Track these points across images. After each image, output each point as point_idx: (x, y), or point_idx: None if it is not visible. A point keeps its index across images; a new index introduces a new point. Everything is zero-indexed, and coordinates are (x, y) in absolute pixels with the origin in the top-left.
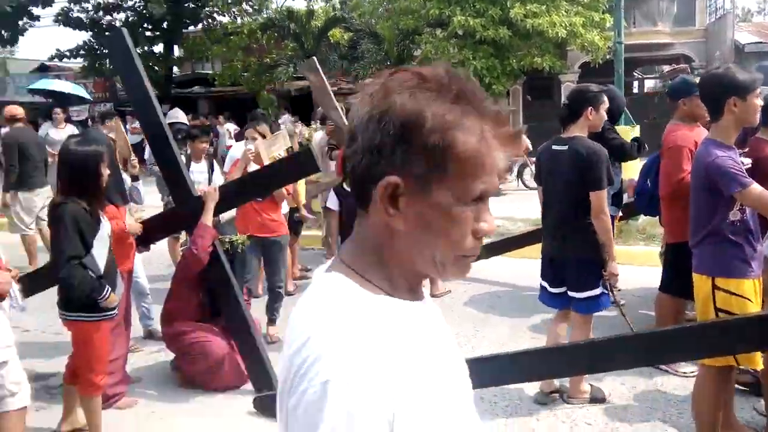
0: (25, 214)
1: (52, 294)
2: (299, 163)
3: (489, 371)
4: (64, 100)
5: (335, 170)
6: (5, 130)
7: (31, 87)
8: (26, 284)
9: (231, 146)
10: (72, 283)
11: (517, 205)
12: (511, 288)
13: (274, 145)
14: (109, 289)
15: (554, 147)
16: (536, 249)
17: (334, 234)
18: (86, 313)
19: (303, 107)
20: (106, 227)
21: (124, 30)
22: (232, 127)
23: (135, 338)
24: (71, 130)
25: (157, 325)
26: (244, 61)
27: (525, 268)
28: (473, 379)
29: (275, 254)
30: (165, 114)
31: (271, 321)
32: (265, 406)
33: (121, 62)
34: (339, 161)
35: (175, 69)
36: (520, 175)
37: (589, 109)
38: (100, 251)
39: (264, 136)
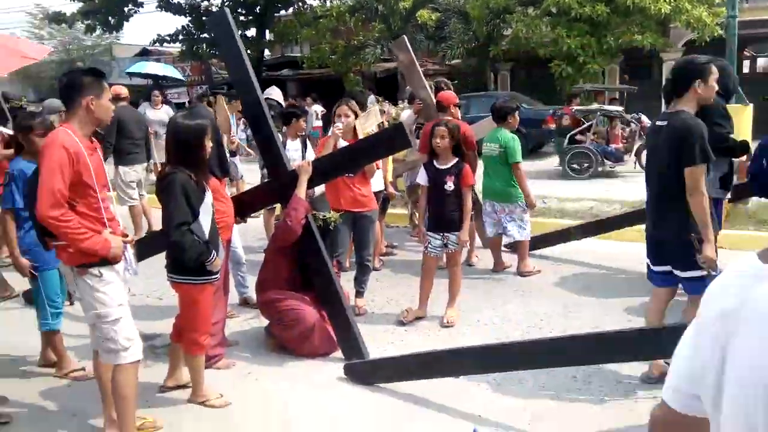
0: (126, 187)
1: (155, 261)
2: (391, 138)
3: (579, 350)
4: (160, 81)
5: (418, 149)
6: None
7: (127, 71)
8: (137, 250)
9: (318, 127)
10: (183, 246)
11: (618, 187)
12: (605, 270)
13: (367, 121)
14: (215, 253)
15: (657, 122)
16: (632, 231)
17: (422, 210)
18: (193, 276)
19: (388, 89)
20: (209, 197)
21: (227, 10)
22: (319, 108)
23: (231, 305)
24: (167, 110)
25: (251, 293)
26: (331, 43)
27: (620, 250)
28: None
29: (365, 228)
30: None
31: (359, 293)
32: (354, 373)
33: (223, 41)
34: (423, 139)
35: (266, 52)
36: (638, 155)
37: (697, 81)
38: (205, 218)
39: (356, 114)
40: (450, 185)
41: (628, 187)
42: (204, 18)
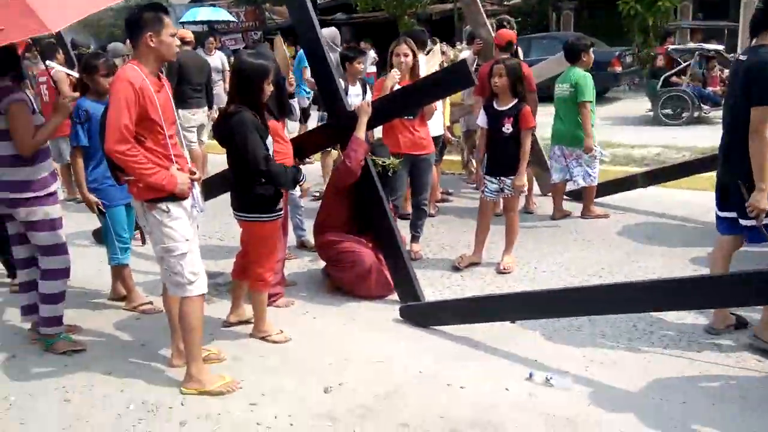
0: (185, 131)
1: (215, 203)
2: (453, 76)
3: (642, 296)
4: (215, 27)
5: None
6: None
7: (181, 20)
8: (202, 190)
9: (372, 73)
10: (279, 174)
11: (692, 133)
12: (669, 219)
13: (430, 60)
14: (305, 173)
15: (739, 58)
16: (699, 179)
17: (482, 152)
18: (263, 214)
19: (444, 31)
20: (270, 137)
21: None
22: (372, 53)
23: (289, 247)
24: (221, 56)
25: (309, 236)
26: None
27: (686, 199)
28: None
29: (423, 171)
30: None
31: (415, 238)
32: (410, 315)
33: None
34: (480, 80)
35: None
36: None
37: None
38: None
39: (414, 53)
40: (508, 127)
41: (694, 134)
42: None
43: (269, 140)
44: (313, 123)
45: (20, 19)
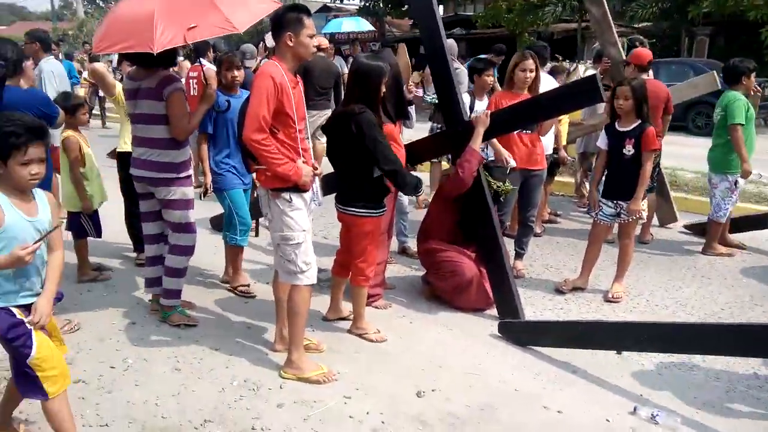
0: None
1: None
2: (582, 90)
3: (762, 340)
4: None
5: (604, 111)
6: None
7: (324, 31)
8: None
9: None
10: (405, 175)
11: None
12: None
13: (570, 77)
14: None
15: None
16: None
17: (599, 173)
18: (371, 209)
19: (566, 51)
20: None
21: None
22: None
23: (391, 252)
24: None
25: (411, 243)
26: (508, 1)
27: None
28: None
29: (534, 187)
30: None
31: (519, 255)
32: (509, 332)
33: None
34: (608, 100)
35: (440, 10)
36: None
37: None
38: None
39: (537, 68)
40: (629, 149)
41: None
42: None
43: None
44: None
45: (210, 18)
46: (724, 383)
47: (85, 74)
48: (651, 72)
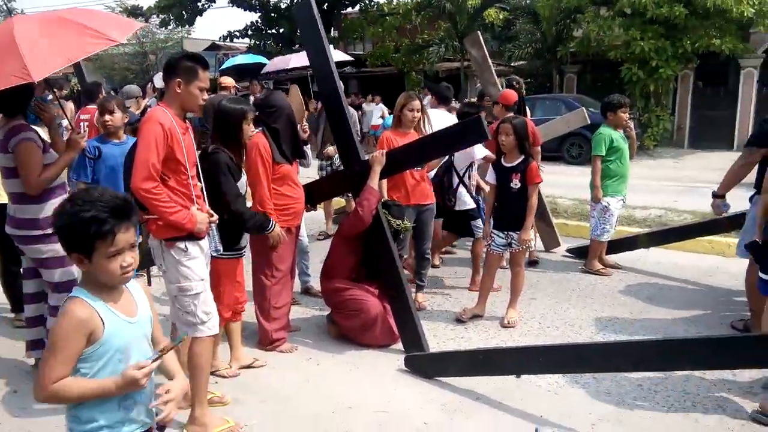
0: None
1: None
2: (469, 130)
3: (646, 356)
4: (247, 73)
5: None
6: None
7: (222, 68)
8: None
9: (377, 126)
10: (246, 215)
11: (685, 198)
12: (671, 281)
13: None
14: (274, 222)
15: None
16: (699, 242)
17: (490, 207)
18: (226, 252)
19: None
20: (244, 177)
21: (312, 0)
22: (381, 106)
23: (294, 292)
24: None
25: (314, 282)
26: (396, 41)
27: (687, 262)
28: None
29: (428, 220)
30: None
31: (419, 287)
32: (415, 365)
33: (305, 29)
34: (491, 137)
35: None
36: None
37: None
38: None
39: (423, 109)
40: (516, 183)
41: (688, 198)
42: (272, 15)
43: (242, 180)
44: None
45: (5, 67)
46: (614, 397)
47: None
48: (527, 110)
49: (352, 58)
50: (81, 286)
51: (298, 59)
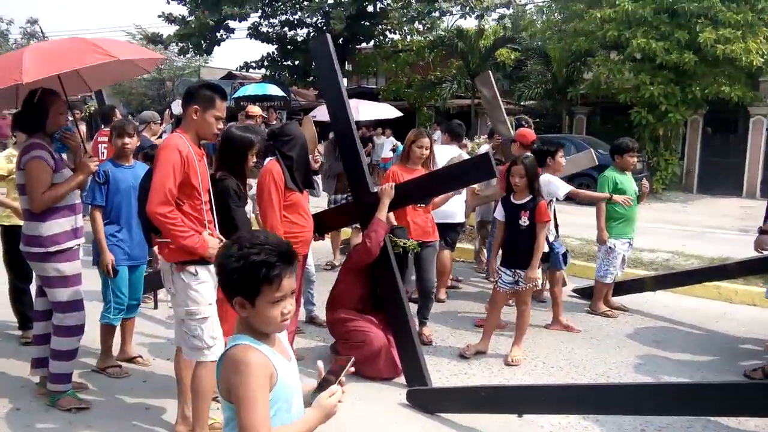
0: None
1: None
2: (476, 166)
3: (657, 401)
4: (265, 100)
5: (497, 184)
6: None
7: (237, 96)
8: None
9: (387, 158)
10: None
11: (692, 242)
12: (678, 325)
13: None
14: None
15: None
16: (707, 287)
17: (498, 243)
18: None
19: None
20: (250, 204)
21: (328, 36)
22: (391, 139)
23: (299, 321)
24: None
25: (318, 312)
26: (408, 77)
27: (695, 306)
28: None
29: (430, 257)
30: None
31: (423, 323)
32: (417, 399)
33: (321, 63)
34: (502, 175)
35: (344, 82)
36: None
37: None
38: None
39: (431, 145)
40: (525, 220)
41: (695, 243)
42: (288, 47)
43: (248, 207)
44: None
45: (6, 72)
46: None
47: None
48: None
49: (400, 113)
50: (241, 333)
51: (365, 112)
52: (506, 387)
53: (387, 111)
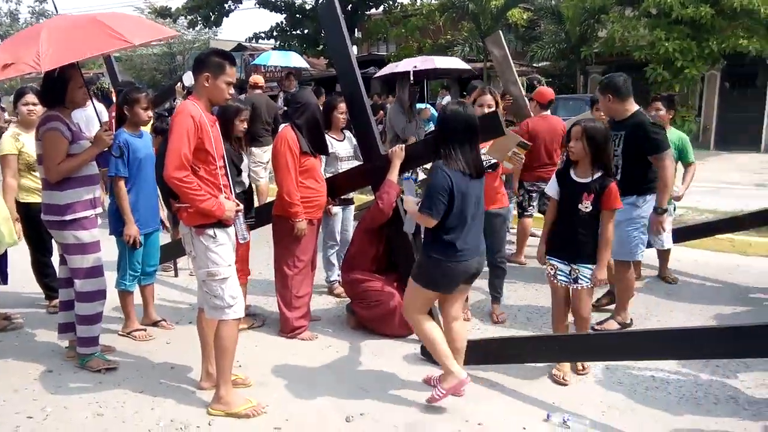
0: (256, 166)
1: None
2: (484, 125)
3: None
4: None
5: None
6: (244, 95)
7: (256, 62)
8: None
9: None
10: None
11: (707, 198)
12: (690, 277)
13: None
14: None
15: None
16: (719, 240)
17: (548, 227)
18: None
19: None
20: (246, 161)
21: (335, 0)
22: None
23: (315, 284)
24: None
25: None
26: (419, 41)
27: (707, 259)
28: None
29: (497, 227)
30: None
31: (495, 299)
32: (430, 354)
33: (329, 27)
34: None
35: (354, 49)
36: None
37: None
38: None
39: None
40: (587, 205)
41: (714, 199)
42: (297, 16)
43: (245, 162)
44: None
45: (23, 55)
46: (626, 387)
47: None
48: (549, 110)
49: (468, 67)
50: None
51: (441, 62)
52: (518, 338)
53: (459, 63)
